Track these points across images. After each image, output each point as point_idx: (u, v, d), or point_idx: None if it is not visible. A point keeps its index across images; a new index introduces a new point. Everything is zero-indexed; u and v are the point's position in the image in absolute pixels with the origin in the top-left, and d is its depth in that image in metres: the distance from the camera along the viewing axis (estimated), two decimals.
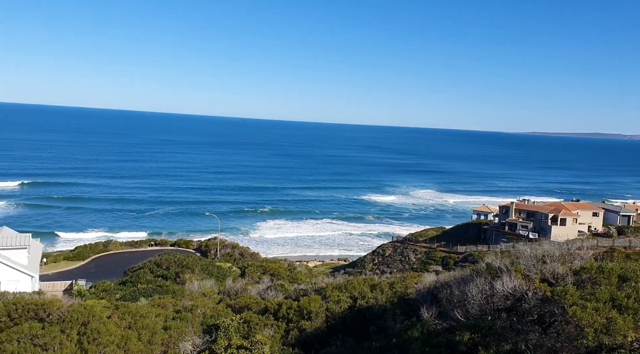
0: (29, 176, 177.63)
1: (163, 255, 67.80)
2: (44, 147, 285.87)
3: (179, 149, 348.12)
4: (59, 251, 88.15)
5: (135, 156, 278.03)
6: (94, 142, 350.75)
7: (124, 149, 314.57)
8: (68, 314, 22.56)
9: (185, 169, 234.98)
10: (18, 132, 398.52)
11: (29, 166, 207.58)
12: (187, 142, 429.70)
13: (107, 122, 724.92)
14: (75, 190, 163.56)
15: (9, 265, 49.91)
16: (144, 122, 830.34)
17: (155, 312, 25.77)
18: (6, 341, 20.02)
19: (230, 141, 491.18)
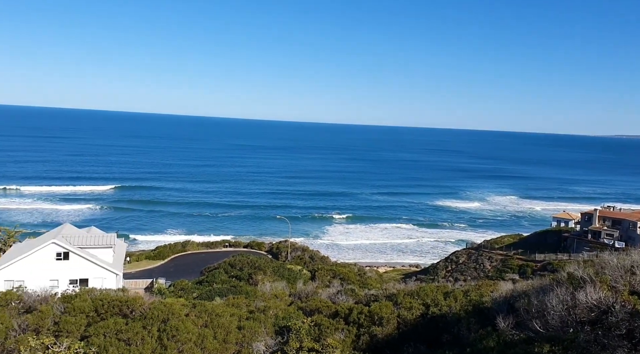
0: (119, 180, 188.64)
1: (237, 256, 69.71)
2: (130, 153, 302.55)
3: (253, 154, 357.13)
4: (141, 250, 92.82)
5: (213, 160, 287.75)
6: (175, 148, 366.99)
7: (203, 154, 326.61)
8: (149, 311, 23.71)
9: (258, 174, 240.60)
10: (104, 138, 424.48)
11: (119, 170, 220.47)
12: (261, 147, 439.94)
13: (184, 128, 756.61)
14: (158, 193, 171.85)
15: (96, 263, 53.18)
16: (219, 128, 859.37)
17: (230, 312, 26.52)
18: (94, 334, 21.31)
19: (302, 145, 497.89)
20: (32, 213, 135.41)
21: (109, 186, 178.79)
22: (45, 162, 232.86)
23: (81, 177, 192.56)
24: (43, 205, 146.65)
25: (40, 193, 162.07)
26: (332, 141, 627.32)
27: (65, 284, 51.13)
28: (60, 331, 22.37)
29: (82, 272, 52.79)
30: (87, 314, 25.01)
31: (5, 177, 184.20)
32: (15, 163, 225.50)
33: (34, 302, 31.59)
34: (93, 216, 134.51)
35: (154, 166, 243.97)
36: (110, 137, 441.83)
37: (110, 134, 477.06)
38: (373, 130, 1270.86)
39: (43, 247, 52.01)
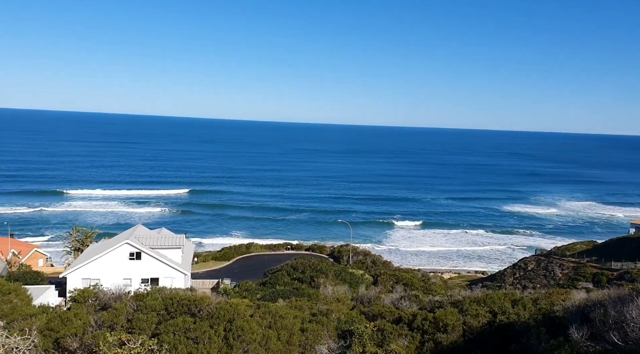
0: (189, 184, 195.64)
1: (299, 259, 70.41)
2: (199, 157, 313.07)
3: (314, 157, 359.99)
4: (208, 251, 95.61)
5: (276, 165, 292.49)
6: (239, 152, 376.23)
7: (266, 158, 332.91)
8: (216, 311, 24.37)
9: (319, 178, 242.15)
10: (174, 143, 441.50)
11: (189, 174, 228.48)
12: (321, 150, 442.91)
13: (247, 132, 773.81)
14: (224, 197, 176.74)
15: (166, 263, 55.31)
16: (280, 132, 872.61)
17: (293, 314, 26.80)
18: (164, 332, 22.15)
19: (362, 149, 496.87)
20: (107, 215, 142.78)
21: (180, 189, 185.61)
22: (120, 167, 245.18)
23: (154, 182, 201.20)
24: (117, 207, 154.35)
25: (115, 196, 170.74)
26: (392, 144, 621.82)
27: (138, 282, 53.52)
28: (133, 328, 23.43)
29: (153, 271, 55.05)
30: (157, 312, 26.03)
31: (83, 181, 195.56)
32: (93, 168, 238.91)
33: (109, 299, 33.26)
34: (164, 218, 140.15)
35: (221, 171, 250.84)
36: (180, 142, 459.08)
37: (180, 140, 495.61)
38: (431, 132, 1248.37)
39: (117, 248, 54.68)
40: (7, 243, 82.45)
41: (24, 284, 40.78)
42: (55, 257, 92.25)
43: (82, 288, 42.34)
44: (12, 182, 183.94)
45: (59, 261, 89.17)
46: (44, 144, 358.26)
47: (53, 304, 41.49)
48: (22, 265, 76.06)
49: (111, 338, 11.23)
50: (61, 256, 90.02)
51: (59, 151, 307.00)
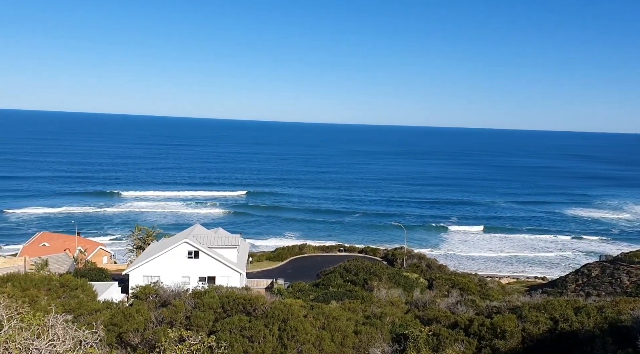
0: (244, 186, 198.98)
1: (352, 261, 70.24)
2: (254, 160, 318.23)
3: (367, 159, 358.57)
4: (262, 251, 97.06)
5: (330, 167, 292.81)
6: (294, 154, 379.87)
7: (319, 160, 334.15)
8: (270, 310, 24.67)
9: (373, 180, 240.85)
10: (229, 145, 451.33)
11: (244, 176, 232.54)
12: (375, 152, 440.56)
13: (301, 135, 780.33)
14: (278, 199, 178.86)
15: (222, 262, 56.53)
16: (333, 134, 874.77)
17: (346, 315, 26.76)
18: (220, 330, 22.62)
19: (416, 150, 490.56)
20: (166, 215, 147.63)
21: (237, 191, 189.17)
22: (179, 169, 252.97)
23: (211, 183, 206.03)
24: (176, 208, 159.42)
25: (175, 197, 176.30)
26: (445, 145, 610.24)
27: (195, 281, 55.00)
28: (191, 325, 24.07)
29: (210, 270, 56.41)
30: (214, 310, 26.64)
31: (145, 182, 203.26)
32: (154, 170, 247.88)
33: (169, 297, 34.34)
34: (220, 219, 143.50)
35: (276, 173, 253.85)
36: (236, 144, 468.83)
37: (236, 142, 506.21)
38: (484, 133, 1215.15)
39: (176, 246, 56.38)
40: (74, 241, 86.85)
41: (89, 281, 42.77)
42: (119, 255, 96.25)
43: (144, 285, 43.94)
44: (79, 183, 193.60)
45: (122, 259, 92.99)
46: (109, 146, 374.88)
47: (116, 300, 43.29)
48: (87, 262, 79.86)
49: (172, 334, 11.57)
50: (124, 253, 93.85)
51: (123, 153, 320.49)
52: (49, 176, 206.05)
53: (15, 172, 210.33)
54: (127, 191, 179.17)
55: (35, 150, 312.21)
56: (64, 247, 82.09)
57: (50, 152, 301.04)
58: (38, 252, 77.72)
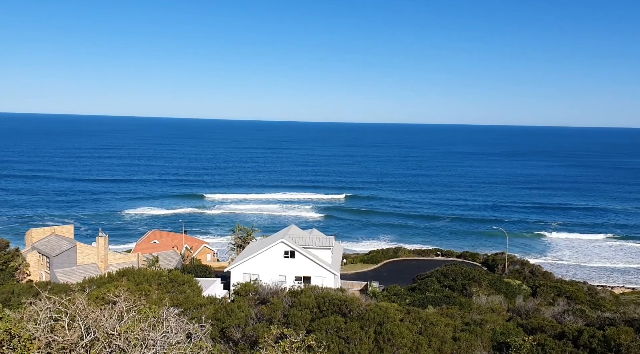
0: (342, 189, 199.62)
1: (449, 266, 68.40)
2: (348, 162, 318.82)
3: (466, 161, 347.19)
4: (356, 253, 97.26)
5: (427, 169, 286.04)
6: (390, 156, 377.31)
7: (416, 162, 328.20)
8: (366, 312, 24.65)
9: (474, 183, 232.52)
10: (322, 148, 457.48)
11: (339, 179, 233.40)
12: (475, 153, 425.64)
13: (395, 135, 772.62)
14: (373, 202, 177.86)
15: (317, 262, 57.42)
16: (431, 134, 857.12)
17: (444, 321, 26.08)
18: (317, 329, 22.97)
19: (519, 150, 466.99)
20: (263, 216, 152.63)
21: (331, 194, 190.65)
22: (275, 172, 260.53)
23: (307, 186, 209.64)
24: (273, 209, 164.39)
25: (272, 199, 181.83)
26: (552, 145, 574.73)
27: (292, 280, 56.33)
28: (288, 323, 24.68)
29: (305, 270, 57.53)
30: (310, 309, 27.11)
31: (242, 185, 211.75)
32: (252, 173, 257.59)
33: (267, 294, 35.49)
34: (314, 221, 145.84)
35: (372, 175, 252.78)
36: (329, 147, 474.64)
37: (328, 144, 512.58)
38: (594, 132, 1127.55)
39: (274, 246, 58.13)
40: (181, 239, 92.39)
41: (195, 277, 45.28)
42: (220, 253, 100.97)
43: (244, 282, 45.75)
44: (185, 185, 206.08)
45: (223, 257, 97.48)
46: (212, 150, 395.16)
47: (219, 296, 45.47)
48: (193, 259, 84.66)
49: (275, 330, 11.93)
50: (225, 252, 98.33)
51: (224, 157, 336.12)
52: (159, 179, 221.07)
53: (130, 175, 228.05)
54: (228, 194, 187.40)
55: (148, 154, 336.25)
56: (172, 244, 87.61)
57: (160, 157, 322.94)
58: (149, 249, 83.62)
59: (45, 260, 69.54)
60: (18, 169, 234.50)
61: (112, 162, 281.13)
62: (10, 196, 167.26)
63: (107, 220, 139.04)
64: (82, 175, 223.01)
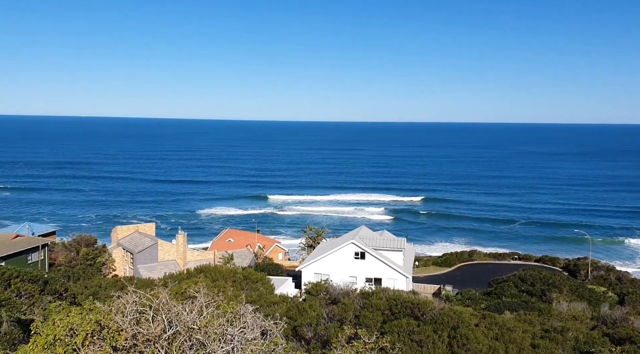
0: (419, 191, 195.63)
1: (527, 270, 65.64)
2: (421, 163, 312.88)
3: (545, 161, 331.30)
4: (428, 256, 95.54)
5: (506, 170, 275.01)
6: (464, 156, 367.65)
7: (493, 163, 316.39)
8: (439, 316, 24.15)
9: (553, 185, 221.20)
10: (397, 148, 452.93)
11: (415, 181, 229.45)
12: (557, 153, 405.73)
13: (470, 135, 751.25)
14: (447, 204, 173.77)
15: (388, 264, 56.93)
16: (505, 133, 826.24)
17: (522, 327, 25.06)
18: (389, 331, 22.77)
19: (609, 149, 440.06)
20: (333, 217, 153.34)
21: (403, 196, 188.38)
22: (346, 174, 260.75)
23: (378, 188, 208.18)
24: (343, 210, 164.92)
25: (342, 201, 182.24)
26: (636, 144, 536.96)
27: (362, 281, 56.19)
28: (359, 324, 24.63)
29: (376, 271, 57.22)
30: (382, 311, 26.92)
31: (312, 187, 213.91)
32: (322, 174, 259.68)
33: (338, 295, 35.57)
34: (385, 222, 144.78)
35: (445, 177, 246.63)
36: (401, 147, 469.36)
37: (400, 144, 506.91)
38: None
39: (344, 247, 58.27)
40: (254, 238, 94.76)
41: (267, 275, 46.27)
42: (291, 253, 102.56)
43: (315, 281, 46.19)
44: (257, 186, 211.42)
45: (294, 256, 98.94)
46: (283, 152, 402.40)
47: (291, 294, 46.14)
48: (266, 257, 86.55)
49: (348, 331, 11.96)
50: (296, 251, 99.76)
51: (295, 159, 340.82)
52: (233, 180, 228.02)
53: (206, 177, 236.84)
54: (298, 195, 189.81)
55: (223, 156, 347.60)
56: (245, 243, 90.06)
57: (234, 159, 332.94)
58: (224, 247, 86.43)
59: (129, 256, 73.63)
60: (105, 170, 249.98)
61: (191, 164, 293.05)
62: (98, 196, 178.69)
63: (185, 219, 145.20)
64: (164, 176, 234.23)
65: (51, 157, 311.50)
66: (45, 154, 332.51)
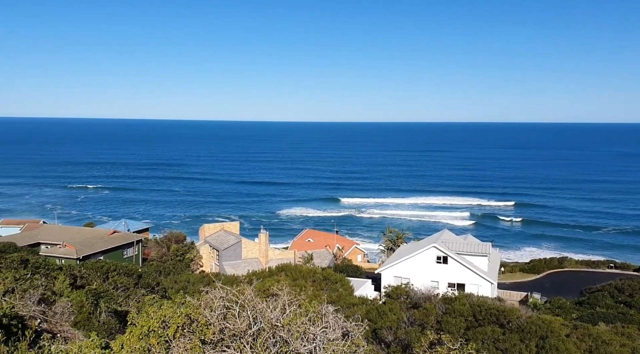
0: (509, 196, 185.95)
1: (625, 279, 61.10)
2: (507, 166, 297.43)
3: None
4: (514, 262, 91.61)
5: (603, 174, 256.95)
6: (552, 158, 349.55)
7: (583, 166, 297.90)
8: (527, 325, 23.07)
9: None
10: (478, 149, 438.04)
11: (505, 184, 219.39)
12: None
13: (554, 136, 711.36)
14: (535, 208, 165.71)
15: (472, 270, 55.18)
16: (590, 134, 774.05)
17: (620, 341, 23.38)
18: (472, 339, 22.03)
19: None
20: (413, 220, 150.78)
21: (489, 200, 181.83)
22: (427, 177, 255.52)
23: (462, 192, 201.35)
24: (424, 213, 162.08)
25: (423, 204, 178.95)
26: None
27: (444, 286, 54.85)
28: (441, 329, 24.05)
29: (459, 277, 55.67)
30: (465, 318, 26.13)
31: (393, 189, 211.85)
32: (404, 177, 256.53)
33: (419, 299, 34.98)
34: (468, 227, 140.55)
35: (532, 180, 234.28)
36: (486, 148, 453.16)
37: (485, 146, 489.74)
38: None
39: (425, 250, 57.18)
40: (333, 239, 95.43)
41: (346, 276, 46.40)
42: (370, 255, 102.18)
43: (395, 285, 45.73)
44: (337, 189, 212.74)
45: (373, 259, 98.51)
46: (368, 153, 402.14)
47: (370, 297, 46.00)
48: (344, 259, 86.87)
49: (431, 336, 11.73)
50: (375, 253, 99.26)
51: (379, 160, 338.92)
52: (313, 182, 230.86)
53: (287, 179, 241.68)
54: (378, 198, 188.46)
55: (304, 158, 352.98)
56: (324, 243, 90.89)
57: (315, 160, 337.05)
58: (304, 247, 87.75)
59: (215, 253, 76.71)
60: (193, 172, 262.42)
61: (273, 165, 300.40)
62: (187, 197, 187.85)
63: (266, 218, 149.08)
64: (248, 178, 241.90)
65: (145, 158, 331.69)
66: (140, 155, 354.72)
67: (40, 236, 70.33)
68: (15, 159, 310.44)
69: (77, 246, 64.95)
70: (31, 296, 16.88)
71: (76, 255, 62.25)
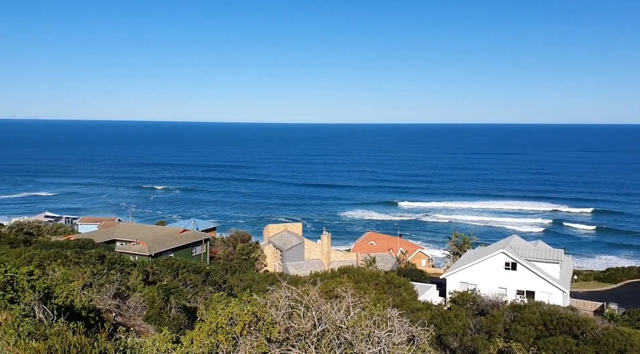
0: (587, 202, 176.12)
1: None
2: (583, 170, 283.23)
3: None
4: (589, 270, 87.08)
5: None
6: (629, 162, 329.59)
7: None
8: (603, 336, 21.88)
9: None
10: (548, 152, 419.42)
11: (578, 189, 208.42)
12: None
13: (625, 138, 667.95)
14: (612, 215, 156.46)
15: (542, 277, 52.97)
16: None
17: None
18: (543, 348, 21.17)
19: None
20: (479, 225, 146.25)
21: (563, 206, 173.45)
22: (496, 181, 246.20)
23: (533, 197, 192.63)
24: (491, 218, 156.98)
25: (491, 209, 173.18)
26: None
27: (512, 293, 52.99)
28: (509, 338, 23.23)
29: (528, 284, 53.61)
30: (535, 326, 25.13)
31: (459, 193, 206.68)
32: (471, 181, 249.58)
33: (486, 306, 33.98)
34: (539, 233, 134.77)
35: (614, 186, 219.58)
36: (561, 152, 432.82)
37: (559, 148, 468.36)
38: None
39: (493, 256, 55.46)
40: (396, 242, 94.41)
41: (410, 280, 45.77)
42: (435, 259, 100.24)
43: (460, 290, 44.64)
44: (401, 193, 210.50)
45: (438, 264, 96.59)
46: (432, 155, 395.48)
47: (435, 302, 45.13)
48: (408, 263, 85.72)
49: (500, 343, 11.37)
50: (440, 258, 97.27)
51: (445, 163, 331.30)
52: (376, 185, 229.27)
53: (350, 181, 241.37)
54: (443, 202, 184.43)
55: (368, 161, 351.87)
56: (387, 247, 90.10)
57: (379, 163, 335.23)
58: (366, 250, 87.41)
59: (278, 253, 77.95)
60: (259, 174, 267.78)
61: (336, 168, 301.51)
62: (253, 198, 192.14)
63: (328, 220, 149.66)
64: (311, 180, 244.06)
65: (214, 160, 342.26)
66: (208, 157, 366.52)
67: (115, 234, 74.25)
68: (95, 160, 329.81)
69: (149, 244, 67.96)
70: (107, 290, 17.85)
71: (148, 252, 65.14)
